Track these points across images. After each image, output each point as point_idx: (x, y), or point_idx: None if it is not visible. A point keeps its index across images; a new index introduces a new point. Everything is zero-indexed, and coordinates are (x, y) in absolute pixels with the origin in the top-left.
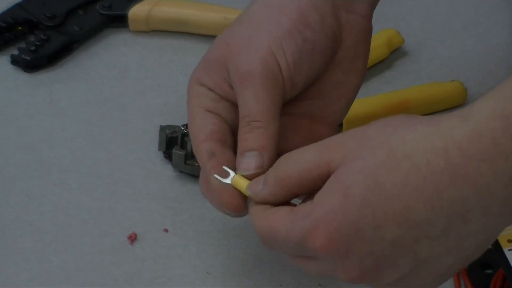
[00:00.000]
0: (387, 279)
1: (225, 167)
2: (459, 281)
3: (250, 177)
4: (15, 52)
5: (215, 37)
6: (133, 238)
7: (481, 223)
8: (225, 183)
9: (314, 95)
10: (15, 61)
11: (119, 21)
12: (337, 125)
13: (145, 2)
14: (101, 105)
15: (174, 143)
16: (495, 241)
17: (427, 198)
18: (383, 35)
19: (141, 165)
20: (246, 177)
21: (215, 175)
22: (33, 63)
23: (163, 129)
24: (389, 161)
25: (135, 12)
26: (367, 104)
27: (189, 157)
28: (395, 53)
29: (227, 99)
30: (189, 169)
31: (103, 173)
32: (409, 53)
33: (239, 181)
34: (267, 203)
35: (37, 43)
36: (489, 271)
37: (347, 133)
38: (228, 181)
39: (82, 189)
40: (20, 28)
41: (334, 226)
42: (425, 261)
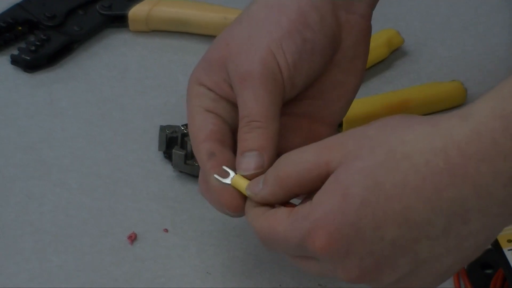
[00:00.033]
0: (387, 279)
1: (224, 167)
2: (459, 281)
3: (249, 177)
4: (15, 52)
5: (215, 37)
6: (133, 238)
7: (481, 223)
8: (224, 183)
9: (313, 95)
10: (15, 61)
11: (119, 21)
12: (337, 125)
13: (145, 2)
14: (101, 105)
15: (174, 143)
16: (495, 241)
17: (427, 198)
18: (383, 35)
19: (141, 165)
20: (245, 177)
21: (214, 175)
22: (33, 63)
23: (163, 129)
24: (389, 161)
25: (135, 12)
26: (367, 104)
27: (189, 157)
28: (395, 53)
29: (227, 99)
30: (189, 169)
31: (103, 173)
32: (409, 53)
33: (239, 181)
34: (267, 203)
35: (37, 43)
36: (489, 271)
37: (347, 133)
38: (227, 181)
39: (82, 189)
40: (20, 28)
41: (333, 226)
42: (425, 261)
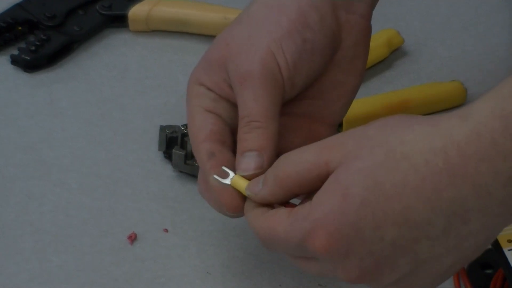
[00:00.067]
0: (387, 279)
1: (224, 168)
2: (459, 281)
3: (249, 178)
4: (15, 52)
5: (215, 37)
6: (133, 238)
7: (481, 223)
8: (224, 184)
9: (313, 95)
10: (15, 61)
11: (119, 21)
12: (337, 125)
13: (145, 2)
14: (101, 105)
15: (174, 143)
16: (495, 241)
17: (427, 198)
18: (383, 35)
19: (141, 165)
20: (245, 177)
21: (214, 176)
22: (33, 63)
23: (163, 129)
24: (388, 161)
25: (135, 12)
26: (367, 104)
27: (189, 157)
28: (395, 53)
29: (227, 99)
30: (189, 169)
31: (103, 173)
32: (409, 53)
33: (239, 182)
34: (267, 203)
35: (37, 43)
36: (489, 271)
37: (346, 133)
38: (227, 182)
39: (82, 189)
40: (20, 28)
41: (333, 226)
42: (425, 261)
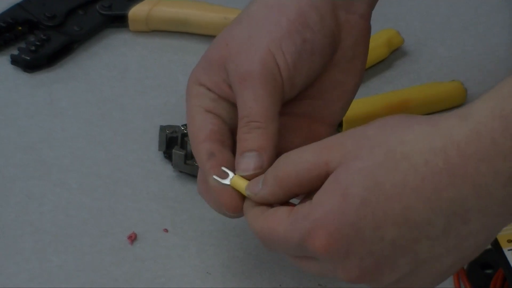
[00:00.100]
0: (387, 279)
1: (224, 168)
2: (459, 281)
3: (249, 178)
4: (15, 52)
5: (215, 37)
6: (133, 238)
7: (480, 223)
8: (224, 184)
9: (313, 95)
10: (15, 61)
11: (119, 21)
12: (336, 125)
13: (145, 2)
14: (101, 105)
15: (174, 143)
16: (495, 241)
17: (427, 198)
18: (383, 35)
19: (141, 165)
20: (245, 178)
21: (214, 176)
22: (33, 63)
23: (163, 129)
24: (388, 162)
25: (135, 12)
26: (367, 104)
27: (189, 157)
28: (395, 53)
29: (227, 99)
30: (189, 169)
31: (103, 173)
32: (409, 53)
33: (238, 182)
34: (267, 203)
35: (37, 43)
36: (489, 271)
37: (346, 133)
38: (227, 182)
39: (82, 189)
40: (20, 28)
41: (333, 226)
42: (425, 261)
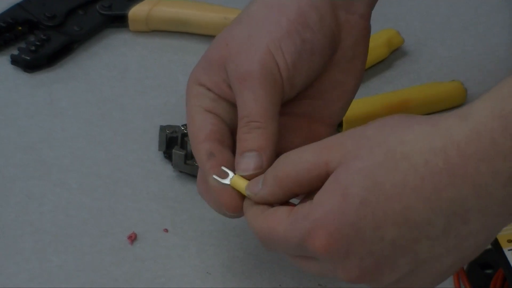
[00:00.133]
0: (387, 279)
1: (224, 168)
2: (459, 281)
3: (249, 178)
4: (15, 52)
5: (215, 37)
6: (133, 238)
7: (480, 223)
8: (224, 184)
9: (313, 95)
10: (15, 61)
11: (119, 21)
12: (336, 125)
13: (145, 2)
14: (101, 105)
15: (174, 143)
16: (495, 241)
17: (426, 198)
18: (383, 35)
19: (141, 165)
20: (245, 178)
21: (214, 176)
22: (33, 63)
23: (163, 129)
24: (388, 162)
25: (135, 12)
26: (367, 104)
27: (189, 157)
28: (395, 53)
29: (226, 99)
30: (189, 169)
31: (103, 173)
32: (409, 53)
33: (238, 182)
34: (266, 203)
35: (37, 43)
36: (489, 271)
37: (346, 133)
38: (227, 182)
39: (82, 189)
40: (20, 28)
41: (333, 226)
42: (425, 261)
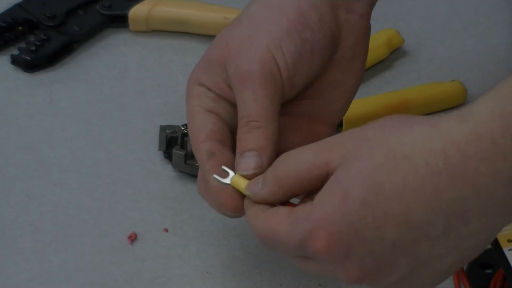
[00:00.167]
0: (387, 280)
1: (224, 167)
2: (459, 281)
3: (249, 177)
4: (15, 52)
5: (215, 37)
6: (133, 238)
7: (481, 223)
8: (224, 183)
9: (313, 95)
10: (15, 61)
11: (119, 21)
12: (336, 125)
13: (145, 2)
14: (101, 105)
15: (174, 143)
16: (495, 241)
17: (427, 198)
18: (383, 35)
19: (141, 165)
20: (245, 177)
21: (214, 176)
22: (33, 63)
23: (163, 129)
24: (388, 162)
25: (135, 12)
26: (367, 104)
27: (189, 157)
28: (395, 53)
29: (227, 99)
30: (189, 169)
31: (103, 173)
32: (409, 53)
33: (238, 181)
34: (266, 202)
35: (37, 43)
36: (489, 271)
37: (346, 133)
38: (227, 181)
39: (82, 189)
40: (20, 28)
41: (334, 227)
42: (425, 261)
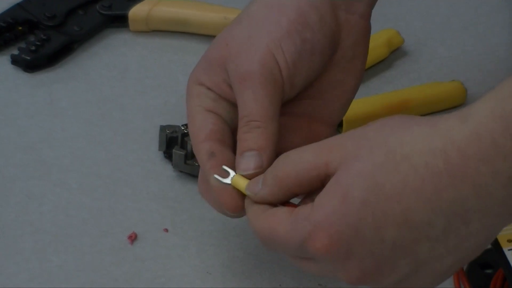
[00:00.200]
0: (388, 280)
1: (224, 167)
2: (459, 281)
3: (249, 177)
4: (15, 52)
5: (215, 37)
6: (133, 238)
7: (481, 223)
8: (224, 183)
9: (313, 95)
10: (15, 61)
11: (119, 21)
12: (336, 125)
13: (145, 2)
14: (101, 105)
15: (174, 143)
16: (495, 241)
17: (427, 199)
18: (383, 35)
19: (141, 165)
20: (245, 177)
21: (215, 176)
22: (33, 63)
23: (163, 129)
24: (388, 163)
25: (135, 12)
26: (367, 104)
27: (189, 157)
28: (395, 53)
29: (227, 99)
30: (189, 169)
31: (103, 173)
32: (409, 53)
33: (239, 181)
34: (266, 202)
35: (37, 43)
36: (489, 271)
37: (346, 134)
38: (228, 181)
39: (82, 189)
40: (20, 28)
41: (334, 228)
42: (425, 261)
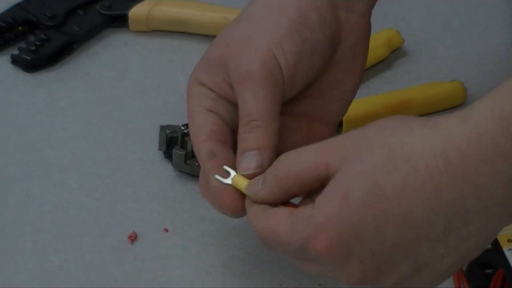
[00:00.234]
0: (388, 281)
1: (225, 167)
2: (459, 281)
3: (250, 177)
4: (15, 52)
5: (215, 37)
6: (133, 238)
7: (481, 223)
8: (225, 183)
9: (313, 95)
10: (15, 61)
11: (119, 21)
12: (336, 125)
13: (145, 2)
14: (101, 105)
15: (174, 143)
16: (495, 241)
17: (427, 199)
18: (383, 35)
19: (141, 165)
20: (246, 177)
21: (215, 176)
22: (33, 63)
23: (163, 129)
24: (388, 164)
25: (135, 12)
26: (367, 104)
27: (189, 157)
28: (395, 53)
29: (227, 99)
30: (189, 169)
31: (103, 173)
32: (409, 53)
33: (239, 181)
34: (266, 202)
35: (37, 43)
36: (489, 271)
37: (346, 135)
38: (228, 181)
39: (82, 189)
40: (20, 28)
41: (335, 230)
42: (425, 262)
